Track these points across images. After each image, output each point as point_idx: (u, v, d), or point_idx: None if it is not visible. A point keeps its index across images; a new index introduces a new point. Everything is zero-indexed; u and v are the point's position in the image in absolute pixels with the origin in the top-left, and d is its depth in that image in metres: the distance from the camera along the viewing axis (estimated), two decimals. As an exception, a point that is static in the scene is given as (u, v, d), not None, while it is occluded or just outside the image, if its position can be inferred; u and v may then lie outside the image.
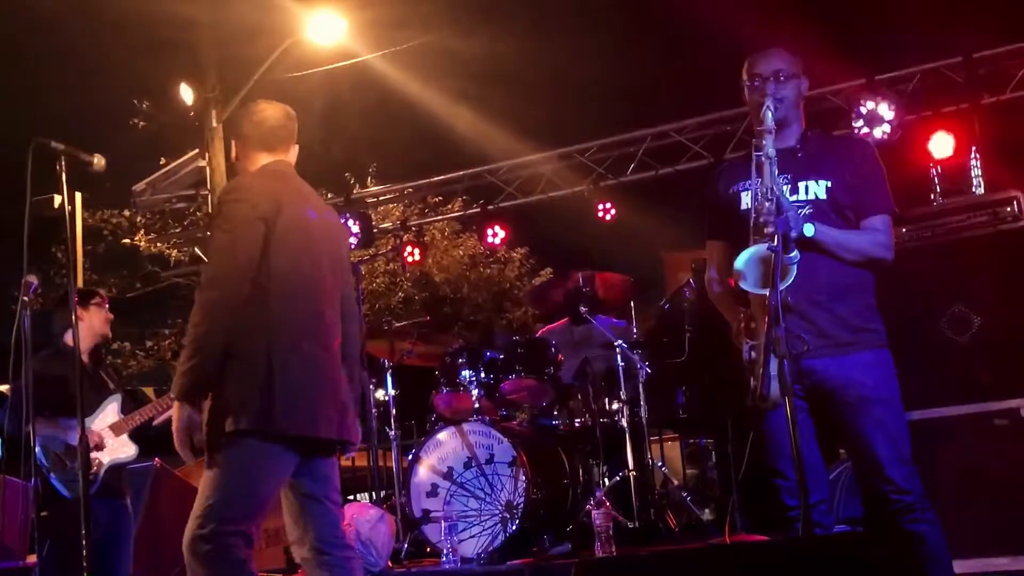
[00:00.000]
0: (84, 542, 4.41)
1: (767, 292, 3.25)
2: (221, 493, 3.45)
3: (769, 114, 3.58)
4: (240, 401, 3.45)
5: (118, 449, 5.37)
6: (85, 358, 5.44)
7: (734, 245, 3.65)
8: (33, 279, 5.01)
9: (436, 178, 10.12)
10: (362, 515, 5.39)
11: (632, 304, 6.52)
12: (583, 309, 6.10)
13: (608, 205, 8.94)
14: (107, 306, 5.59)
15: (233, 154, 3.89)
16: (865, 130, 7.66)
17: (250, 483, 3.50)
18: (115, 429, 5.38)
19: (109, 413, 5.42)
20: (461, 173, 9.84)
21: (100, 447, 5.31)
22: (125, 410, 5.46)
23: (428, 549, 5.60)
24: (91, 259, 15.49)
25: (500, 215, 9.69)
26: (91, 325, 5.48)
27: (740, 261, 3.43)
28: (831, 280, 3.69)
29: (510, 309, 18.37)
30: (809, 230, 3.55)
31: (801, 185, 3.77)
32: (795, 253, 3.38)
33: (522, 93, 14.39)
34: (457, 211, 13.23)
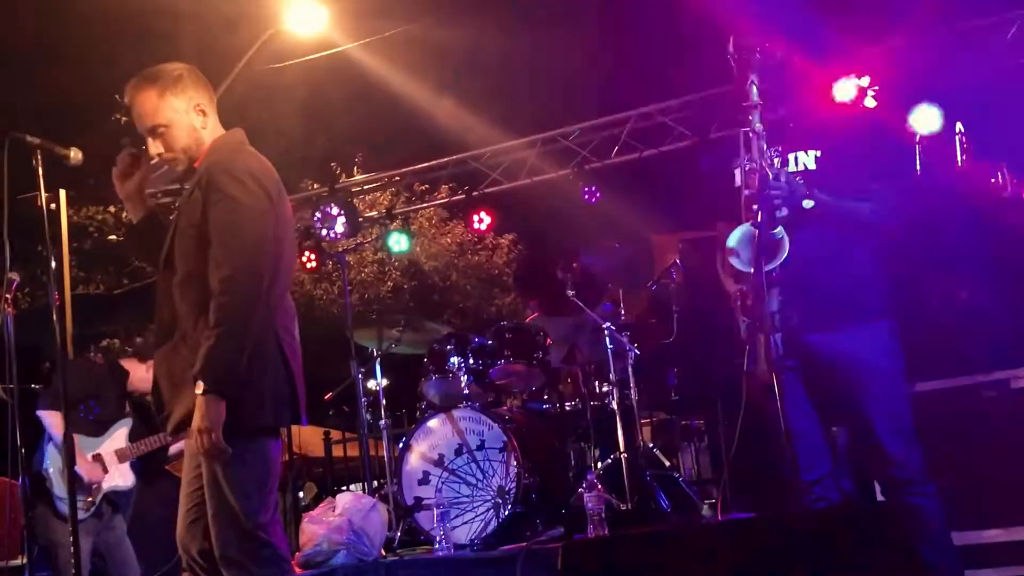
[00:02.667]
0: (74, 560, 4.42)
1: (775, 262, 3.22)
2: (256, 491, 3.37)
3: (754, 88, 3.56)
4: (270, 395, 3.38)
5: (117, 476, 5.36)
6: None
7: (736, 223, 3.63)
8: (15, 276, 4.97)
9: (420, 165, 10.07)
10: (355, 505, 5.40)
11: (621, 280, 6.47)
12: (570, 292, 6.07)
13: (594, 188, 8.91)
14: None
15: (200, 122, 3.54)
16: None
17: (271, 472, 3.44)
18: (119, 455, 5.36)
19: (117, 439, 5.38)
20: (445, 160, 9.80)
21: (104, 472, 5.29)
22: (133, 436, 5.40)
23: (421, 537, 5.61)
24: (77, 256, 15.40)
25: (485, 201, 9.66)
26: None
27: (732, 239, 3.43)
28: (826, 251, 3.66)
29: (499, 296, 18.34)
30: (808, 203, 3.52)
31: (791, 157, 3.75)
32: (779, 230, 3.37)
33: (505, 80, 14.34)
34: (443, 198, 13.17)
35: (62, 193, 9.97)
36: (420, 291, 17.53)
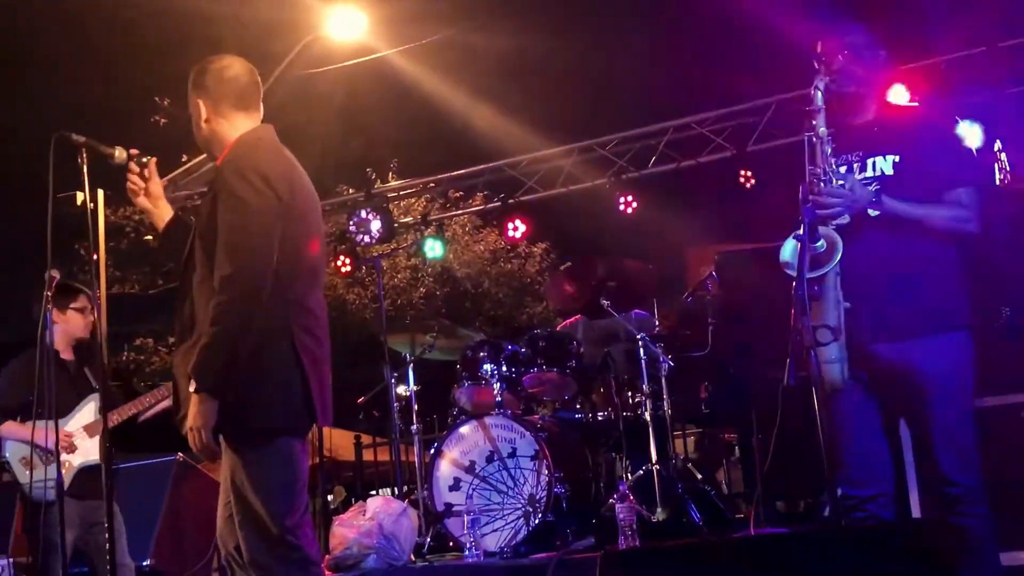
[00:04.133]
0: (61, 543, 4.40)
1: (814, 274, 3.19)
2: (280, 494, 3.34)
3: (818, 94, 3.50)
4: (280, 396, 3.34)
5: (91, 451, 5.23)
6: (67, 356, 5.35)
7: None
8: (55, 273, 5.01)
9: (457, 172, 10.09)
10: (385, 509, 5.39)
11: (654, 295, 6.46)
12: (605, 302, 6.06)
13: (630, 198, 8.89)
14: (90, 308, 5.38)
15: (202, 116, 3.52)
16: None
17: (298, 479, 3.40)
18: (89, 430, 5.28)
19: (86, 413, 5.32)
20: (481, 167, 9.81)
21: (71, 449, 5.22)
22: (69, 400, 5.31)
23: (450, 543, 5.60)
24: (113, 256, 15.52)
25: (521, 209, 9.65)
26: (66, 329, 5.35)
27: (786, 252, 3.38)
28: (899, 259, 3.54)
29: (531, 304, 18.32)
30: (874, 209, 3.44)
31: (870, 162, 3.64)
32: (821, 243, 3.32)
33: (542, 87, 14.33)
34: (478, 205, 13.15)
35: (100, 193, 10.09)
36: (452, 298, 17.55)
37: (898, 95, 7.26)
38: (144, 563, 5.78)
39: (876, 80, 3.75)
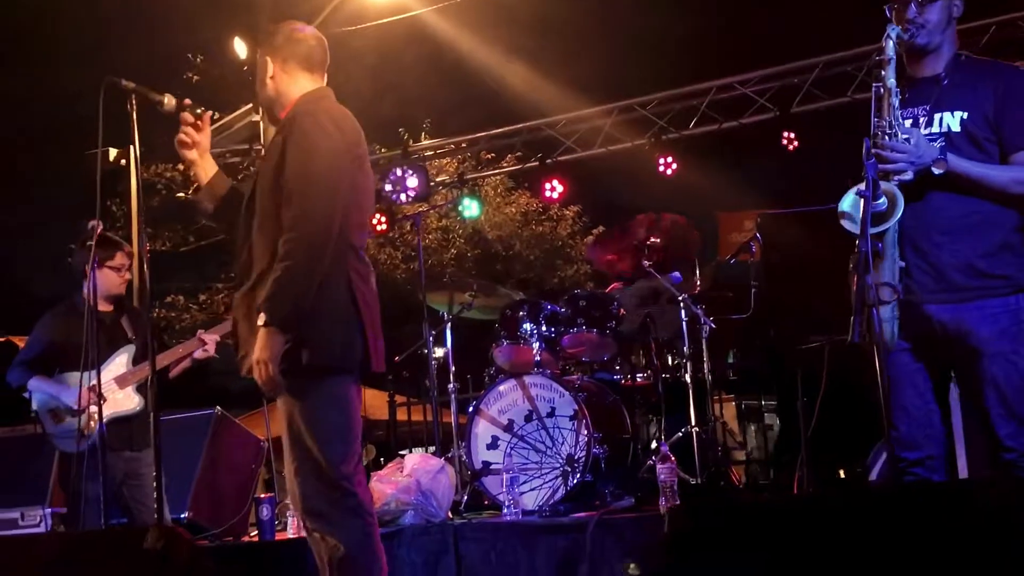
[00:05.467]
0: (101, 494, 4.39)
1: (877, 230, 3.10)
2: (336, 439, 3.38)
3: (890, 43, 3.38)
4: (339, 336, 3.38)
5: (121, 402, 5.21)
6: (104, 307, 5.26)
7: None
8: (97, 223, 4.99)
9: (494, 131, 9.99)
10: (423, 466, 5.38)
11: (698, 253, 6.37)
12: (646, 263, 5.99)
13: (670, 159, 8.78)
14: (127, 266, 5.37)
15: (268, 73, 3.61)
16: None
17: (353, 426, 3.44)
18: (119, 382, 5.25)
19: (117, 365, 5.28)
20: (520, 126, 9.71)
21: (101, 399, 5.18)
22: (137, 361, 5.30)
23: (486, 501, 5.60)
24: (145, 213, 15.56)
25: (558, 169, 9.55)
26: (101, 283, 5.27)
27: (845, 203, 3.28)
28: (958, 219, 3.43)
29: (562, 267, 18.27)
30: (939, 168, 3.32)
31: (936, 117, 3.49)
32: (883, 199, 3.23)
33: (579, 46, 14.21)
34: (513, 166, 13.03)
35: (132, 149, 10.06)
36: (483, 260, 17.53)
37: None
38: (182, 516, 5.78)
39: (949, 32, 3.57)
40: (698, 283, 6.27)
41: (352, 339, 3.41)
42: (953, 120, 3.47)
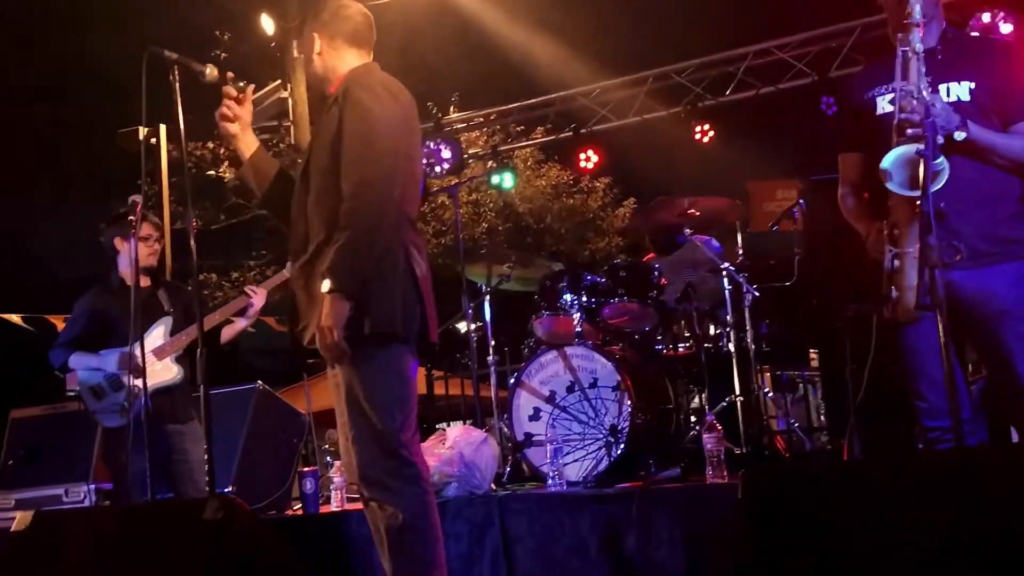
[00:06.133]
0: (147, 468, 4.38)
1: (916, 194, 3.04)
2: (394, 408, 3.37)
3: (916, 7, 3.32)
4: (399, 303, 3.37)
5: (160, 374, 5.21)
6: (142, 281, 5.28)
7: (871, 156, 3.45)
8: (138, 199, 4.99)
9: (528, 101, 9.91)
10: (465, 438, 5.35)
11: (740, 224, 6.28)
12: (688, 232, 5.91)
13: (706, 127, 8.67)
14: (155, 237, 5.37)
15: (316, 49, 3.64)
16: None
17: (411, 395, 3.44)
18: (157, 353, 5.25)
19: (155, 337, 5.27)
20: (553, 96, 9.63)
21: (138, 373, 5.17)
22: (175, 332, 5.30)
23: (526, 473, 5.57)
24: (175, 191, 15.60)
25: (593, 139, 9.46)
26: (132, 258, 5.33)
27: (887, 161, 3.22)
28: (976, 186, 3.45)
29: (592, 239, 18.20)
30: (960, 135, 3.32)
31: (942, 88, 3.51)
32: (941, 159, 3.16)
33: (609, 13, 14.05)
34: (544, 137, 12.91)
35: (162, 128, 10.08)
36: (514, 233, 17.48)
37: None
38: (225, 491, 5.79)
39: (939, 6, 3.60)
40: (739, 252, 6.19)
41: (411, 309, 3.42)
42: (961, 90, 3.49)
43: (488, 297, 6.53)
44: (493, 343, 6.49)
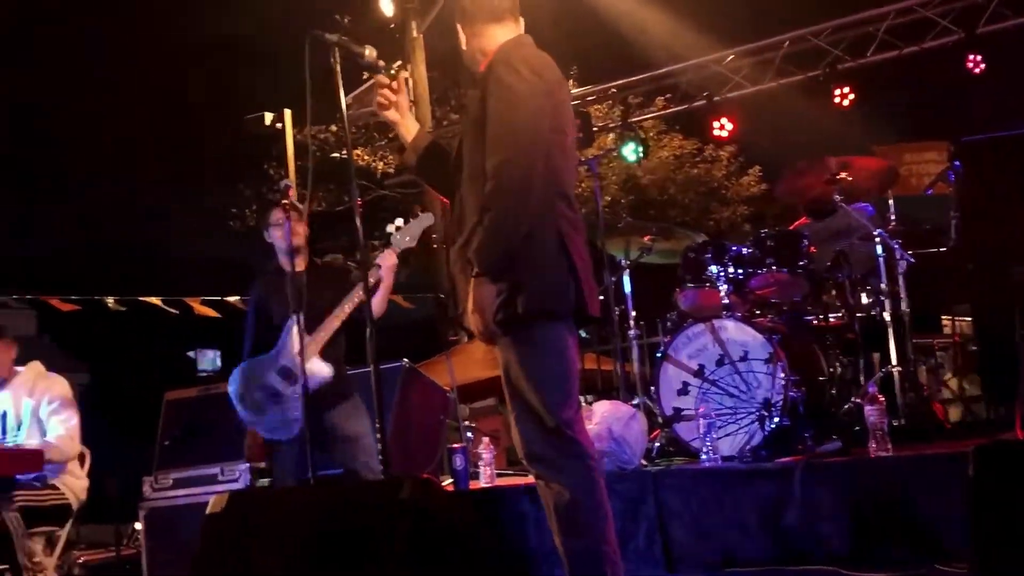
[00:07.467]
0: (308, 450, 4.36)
1: None
2: (555, 385, 3.34)
3: None
4: (551, 284, 3.32)
5: (315, 374, 4.90)
6: (298, 265, 5.09)
7: None
8: (288, 183, 5.04)
9: (657, 71, 9.76)
10: (614, 413, 5.29)
11: (889, 189, 6.06)
12: (837, 197, 5.73)
13: (847, 89, 8.38)
14: (285, 217, 5.05)
15: (463, 41, 3.62)
16: None
17: (571, 371, 3.40)
18: (303, 354, 4.81)
19: (295, 337, 4.83)
20: (685, 64, 9.45)
21: (293, 380, 4.90)
22: (309, 328, 4.90)
23: (671, 448, 5.49)
24: (300, 174, 15.87)
25: (725, 107, 9.25)
26: (275, 245, 5.21)
27: None
28: None
29: (717, 209, 17.90)
30: None
31: None
32: None
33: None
34: (660, 110, 12.68)
35: (287, 113, 10.23)
36: (637, 205, 17.29)
37: None
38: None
39: None
40: (892, 218, 5.97)
41: (565, 285, 3.36)
42: None
43: (628, 271, 6.44)
44: (634, 314, 6.41)
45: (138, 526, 6.37)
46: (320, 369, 4.97)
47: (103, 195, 19.17)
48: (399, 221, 4.99)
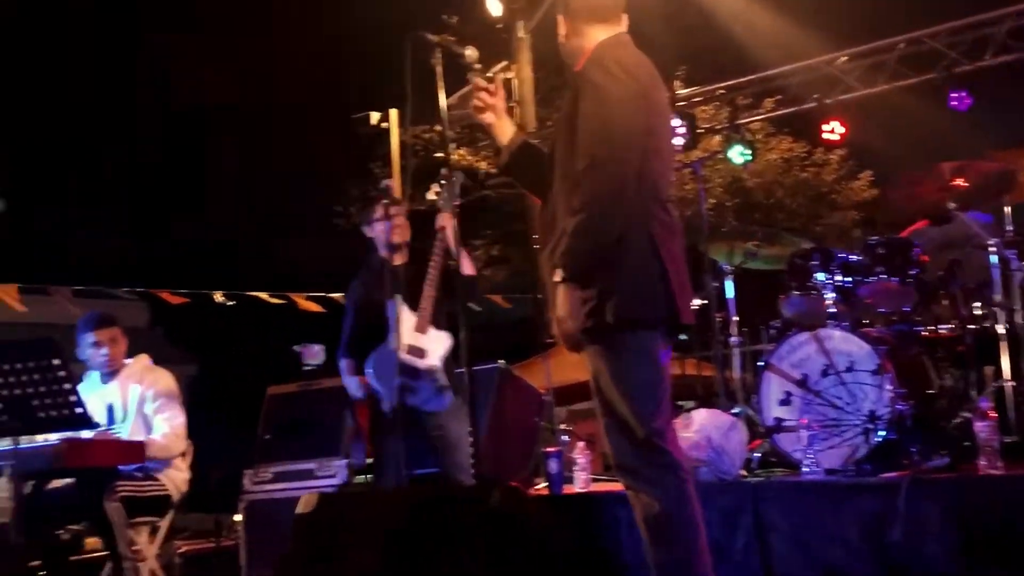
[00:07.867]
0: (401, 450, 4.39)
1: None
2: (645, 395, 3.30)
3: None
4: (641, 291, 3.27)
5: (436, 347, 5.06)
6: (396, 261, 5.25)
7: None
8: (390, 183, 5.08)
9: (765, 72, 9.58)
10: (713, 422, 5.22)
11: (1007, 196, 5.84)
12: (951, 205, 5.54)
13: (963, 93, 8.11)
14: (392, 213, 5.29)
15: (562, 32, 3.58)
16: None
17: (662, 379, 3.35)
18: (419, 329, 5.09)
19: (405, 318, 5.03)
20: (792, 66, 9.27)
21: (422, 355, 5.06)
22: (413, 305, 5.07)
23: (772, 459, 5.38)
24: (405, 174, 16.03)
25: (835, 110, 9.02)
26: (378, 241, 5.34)
27: None
28: None
29: (826, 214, 17.51)
30: None
31: None
32: None
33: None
34: (767, 112, 12.42)
35: (393, 113, 10.33)
36: (742, 209, 17.00)
37: None
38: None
39: None
40: (1009, 228, 5.75)
41: (656, 292, 3.29)
42: None
43: (732, 277, 6.34)
44: (737, 319, 6.30)
45: (238, 518, 6.48)
46: (439, 336, 5.11)
47: (222, 196, 19.74)
48: (435, 187, 4.94)
